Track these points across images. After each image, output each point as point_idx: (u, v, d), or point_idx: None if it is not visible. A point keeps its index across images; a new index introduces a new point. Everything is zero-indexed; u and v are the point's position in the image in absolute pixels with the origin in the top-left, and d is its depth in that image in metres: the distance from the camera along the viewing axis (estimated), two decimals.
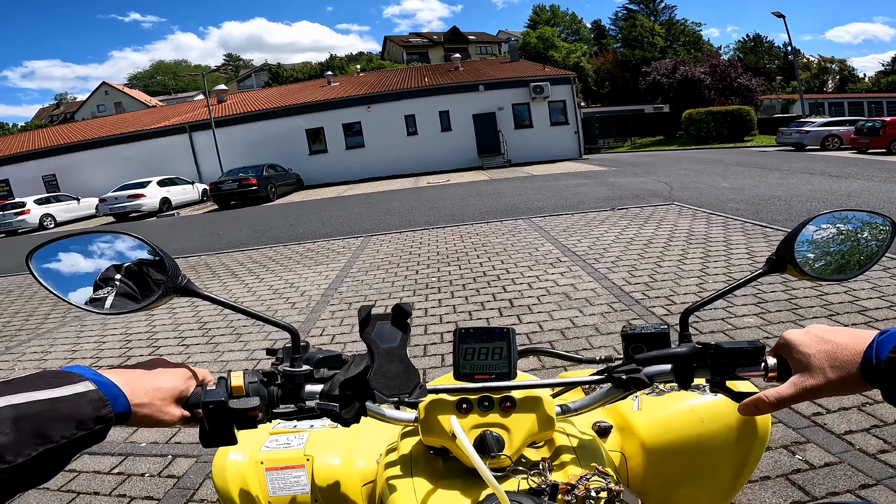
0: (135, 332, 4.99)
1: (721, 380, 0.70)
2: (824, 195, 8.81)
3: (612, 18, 61.71)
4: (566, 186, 13.37)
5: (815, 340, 0.60)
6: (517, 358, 0.75)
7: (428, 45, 60.76)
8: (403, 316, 0.72)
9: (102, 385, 0.52)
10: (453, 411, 0.72)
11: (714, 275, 4.85)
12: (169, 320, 5.22)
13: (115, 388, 0.54)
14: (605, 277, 5.07)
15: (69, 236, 0.68)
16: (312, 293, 5.67)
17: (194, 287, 0.69)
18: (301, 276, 6.51)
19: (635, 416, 0.93)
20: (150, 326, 5.10)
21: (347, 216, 11.99)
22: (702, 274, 4.90)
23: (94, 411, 0.50)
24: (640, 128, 37.45)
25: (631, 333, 0.76)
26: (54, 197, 21.55)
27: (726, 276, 4.79)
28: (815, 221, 0.76)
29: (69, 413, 0.48)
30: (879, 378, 0.53)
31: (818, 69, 57.20)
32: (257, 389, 0.67)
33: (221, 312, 5.21)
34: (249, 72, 66.63)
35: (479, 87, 26.09)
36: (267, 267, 7.26)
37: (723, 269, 5.03)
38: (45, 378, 0.50)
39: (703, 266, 5.15)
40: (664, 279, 4.86)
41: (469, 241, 7.36)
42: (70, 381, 0.51)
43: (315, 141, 26.38)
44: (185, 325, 5.01)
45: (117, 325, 5.28)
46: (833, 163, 14.65)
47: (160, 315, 5.40)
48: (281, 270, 6.94)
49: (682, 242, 6.17)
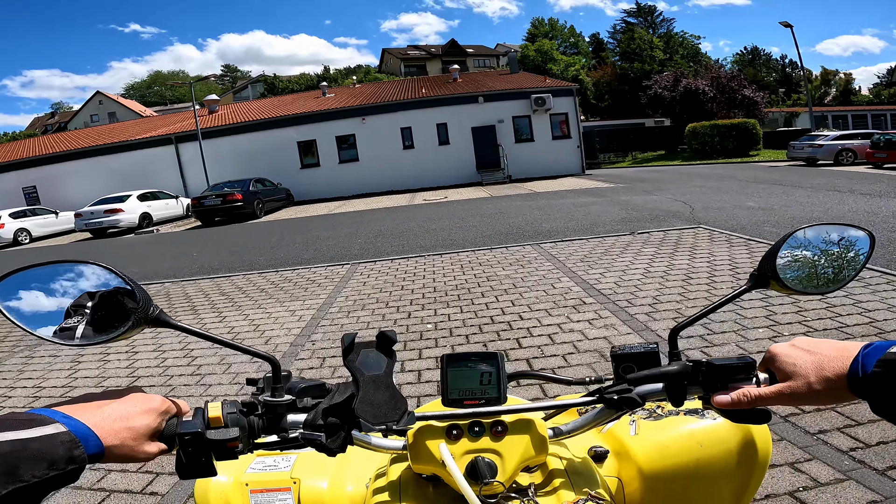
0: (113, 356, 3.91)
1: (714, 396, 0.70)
2: (867, 216, 7.80)
3: (610, 31, 61.34)
4: (574, 206, 12.30)
5: (800, 352, 0.62)
6: (507, 382, 0.74)
7: (426, 58, 60.29)
8: (388, 343, 0.71)
9: (73, 427, 0.52)
10: (443, 438, 0.71)
11: (786, 324, 3.80)
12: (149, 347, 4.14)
13: (86, 430, 0.53)
14: (645, 328, 4.01)
15: (35, 266, 0.66)
16: (280, 340, 4.59)
17: (166, 317, 0.68)
18: (271, 314, 5.43)
19: (632, 440, 0.91)
20: (131, 351, 4.03)
21: (335, 237, 10.86)
22: (770, 322, 3.85)
23: (67, 452, 0.50)
24: (641, 142, 36.68)
25: (620, 353, 0.76)
26: (31, 210, 20.27)
27: (802, 325, 3.74)
28: (795, 236, 0.77)
29: (40, 454, 0.48)
30: (866, 390, 0.55)
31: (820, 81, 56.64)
32: (237, 420, 0.65)
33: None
34: (246, 83, 65.89)
35: (478, 99, 25.06)
36: (234, 301, 6.17)
37: (792, 312, 3.98)
38: (13, 419, 0.50)
39: (768, 309, 4.10)
40: (722, 329, 3.80)
41: (471, 272, 6.27)
42: (40, 423, 0.51)
43: (307, 154, 25.22)
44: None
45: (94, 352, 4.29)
46: (856, 179, 13.76)
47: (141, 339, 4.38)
48: (249, 306, 5.86)
49: (727, 277, 5.14)
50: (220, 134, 24.77)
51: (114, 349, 4.69)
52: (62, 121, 60.57)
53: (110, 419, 0.56)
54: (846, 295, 4.26)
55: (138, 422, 0.58)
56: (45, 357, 4.76)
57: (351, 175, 24.83)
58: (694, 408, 0.93)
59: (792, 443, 2.38)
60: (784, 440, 2.40)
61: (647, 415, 0.96)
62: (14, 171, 25.31)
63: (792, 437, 2.43)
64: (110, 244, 15.71)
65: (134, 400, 0.60)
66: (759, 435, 0.91)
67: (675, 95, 35.32)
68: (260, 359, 0.71)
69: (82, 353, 4.66)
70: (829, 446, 2.33)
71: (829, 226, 0.79)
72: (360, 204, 19.64)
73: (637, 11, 57.88)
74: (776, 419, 2.58)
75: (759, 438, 0.91)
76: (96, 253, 13.59)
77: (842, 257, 0.78)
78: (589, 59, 58.15)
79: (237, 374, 3.88)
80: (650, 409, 0.97)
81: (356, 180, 24.72)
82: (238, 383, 3.70)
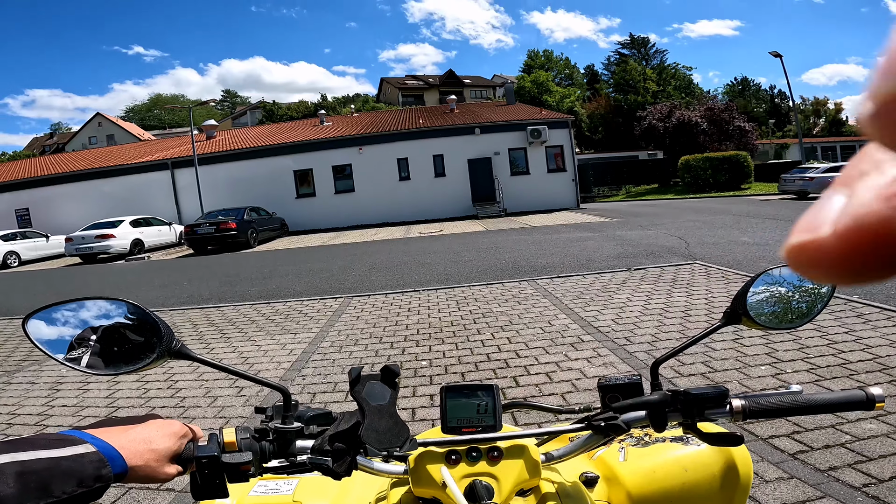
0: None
1: (692, 422, 0.75)
2: None
3: (604, 63, 62.23)
4: (569, 241, 12.26)
5: None
6: (502, 411, 0.79)
7: (424, 88, 61.07)
8: (392, 375, 0.74)
9: (101, 448, 0.56)
10: (443, 462, 0.74)
11: (789, 360, 3.73)
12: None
13: (113, 451, 0.57)
14: (645, 366, 3.90)
15: (67, 301, 0.70)
16: (269, 374, 4.44)
17: (188, 350, 0.74)
18: (260, 348, 5.30)
19: (621, 466, 0.94)
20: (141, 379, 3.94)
21: (329, 270, 10.72)
22: (773, 360, 3.77)
23: (95, 471, 0.53)
24: (634, 175, 36.88)
25: (607, 385, 0.82)
26: (21, 233, 19.99)
27: (804, 362, 3.66)
28: (764, 276, 0.82)
29: (71, 471, 0.51)
30: None
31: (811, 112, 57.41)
32: (249, 445, 0.69)
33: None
34: (245, 109, 66.45)
35: (475, 130, 25.12)
36: (223, 333, 6.03)
37: (793, 350, 3.91)
38: (46, 438, 0.53)
39: (769, 346, 4.03)
40: (724, 366, 3.73)
41: (466, 308, 6.16)
42: (71, 444, 0.54)
43: (303, 183, 25.09)
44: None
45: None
46: None
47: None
48: (238, 339, 5.72)
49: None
50: (216, 160, 24.68)
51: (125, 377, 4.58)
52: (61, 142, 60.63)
53: (135, 441, 0.60)
54: (847, 332, 4.25)
55: (160, 444, 0.62)
56: (48, 382, 4.71)
57: (346, 206, 24.70)
58: (680, 435, 0.97)
59: (802, 480, 2.33)
60: (794, 478, 2.35)
61: (636, 442, 1.00)
62: (7, 193, 25.06)
63: (801, 474, 2.37)
64: (98, 270, 15.49)
65: (156, 424, 0.64)
66: (740, 459, 0.95)
67: (667, 127, 35.53)
68: (273, 389, 0.77)
69: (89, 380, 4.57)
70: (840, 483, 2.28)
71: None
72: (356, 236, 19.52)
73: (631, 43, 58.96)
74: (783, 457, 2.52)
75: (741, 462, 0.95)
76: (81, 279, 13.40)
77: (806, 294, 0.84)
78: (584, 91, 58.95)
79: (223, 406, 3.74)
80: (638, 437, 1.01)
81: (352, 211, 24.58)
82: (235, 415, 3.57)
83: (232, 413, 3.68)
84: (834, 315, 4.70)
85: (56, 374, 4.87)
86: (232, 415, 3.66)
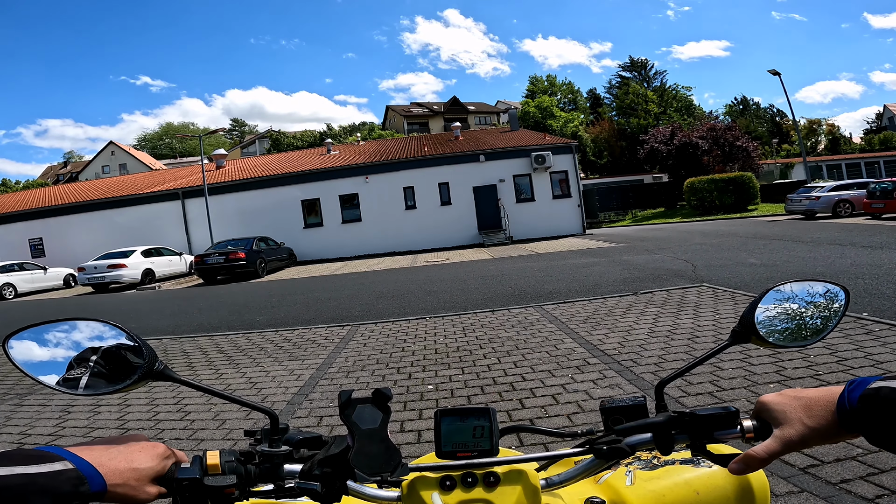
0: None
1: (701, 444, 0.73)
2: (869, 269, 7.81)
3: (606, 87, 62.96)
4: (576, 266, 12.28)
5: (789, 398, 0.65)
6: (499, 435, 0.76)
7: (428, 115, 61.87)
8: (383, 399, 0.73)
9: (80, 465, 0.55)
10: (436, 488, 0.72)
11: (798, 378, 3.73)
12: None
13: (92, 469, 0.56)
14: (651, 387, 3.90)
15: (48, 322, 0.71)
16: (277, 398, 4.49)
17: (171, 372, 0.73)
18: (269, 373, 5.33)
19: (628, 490, 0.90)
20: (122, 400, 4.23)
21: (336, 299, 10.79)
22: (782, 377, 3.77)
23: (72, 488, 0.52)
24: (640, 199, 36.80)
25: (609, 407, 0.79)
26: (18, 265, 20.30)
27: (814, 377, 3.65)
28: (773, 292, 0.81)
29: (47, 488, 0.51)
30: (856, 421, 0.58)
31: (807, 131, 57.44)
32: (234, 468, 0.68)
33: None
34: (253, 138, 67.39)
35: (479, 158, 25.35)
36: (232, 359, 6.07)
37: (803, 367, 3.92)
38: (23, 454, 0.53)
39: (777, 364, 4.04)
40: (732, 385, 3.73)
41: (472, 334, 6.19)
42: (49, 460, 0.53)
43: (311, 213, 25.34)
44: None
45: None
46: (855, 231, 13.90)
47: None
48: (247, 364, 5.76)
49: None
50: (226, 190, 25.06)
51: (105, 399, 4.67)
52: (74, 170, 61.62)
53: (115, 460, 0.59)
54: (857, 348, 4.27)
55: (141, 464, 0.61)
56: (60, 405, 4.78)
57: (353, 235, 24.86)
58: (689, 457, 0.93)
59: (814, 494, 2.32)
60: (805, 492, 2.35)
61: (644, 465, 0.96)
62: (22, 222, 25.48)
63: (813, 488, 2.37)
64: (110, 299, 15.66)
65: (138, 445, 0.63)
66: (755, 479, 0.90)
67: (670, 149, 35.45)
68: (259, 412, 0.76)
69: (100, 403, 4.65)
70: (853, 495, 2.28)
71: (805, 282, 0.82)
72: (363, 265, 19.60)
73: (631, 66, 59.69)
74: (793, 471, 2.52)
75: (756, 483, 0.90)
76: (94, 308, 13.54)
77: (818, 312, 0.82)
78: (587, 115, 59.50)
79: (230, 429, 3.77)
80: (647, 460, 0.97)
81: (358, 241, 24.71)
82: (231, 438, 3.59)
83: (239, 436, 3.72)
84: (843, 332, 4.70)
85: (68, 397, 4.93)
86: (239, 437, 3.69)
